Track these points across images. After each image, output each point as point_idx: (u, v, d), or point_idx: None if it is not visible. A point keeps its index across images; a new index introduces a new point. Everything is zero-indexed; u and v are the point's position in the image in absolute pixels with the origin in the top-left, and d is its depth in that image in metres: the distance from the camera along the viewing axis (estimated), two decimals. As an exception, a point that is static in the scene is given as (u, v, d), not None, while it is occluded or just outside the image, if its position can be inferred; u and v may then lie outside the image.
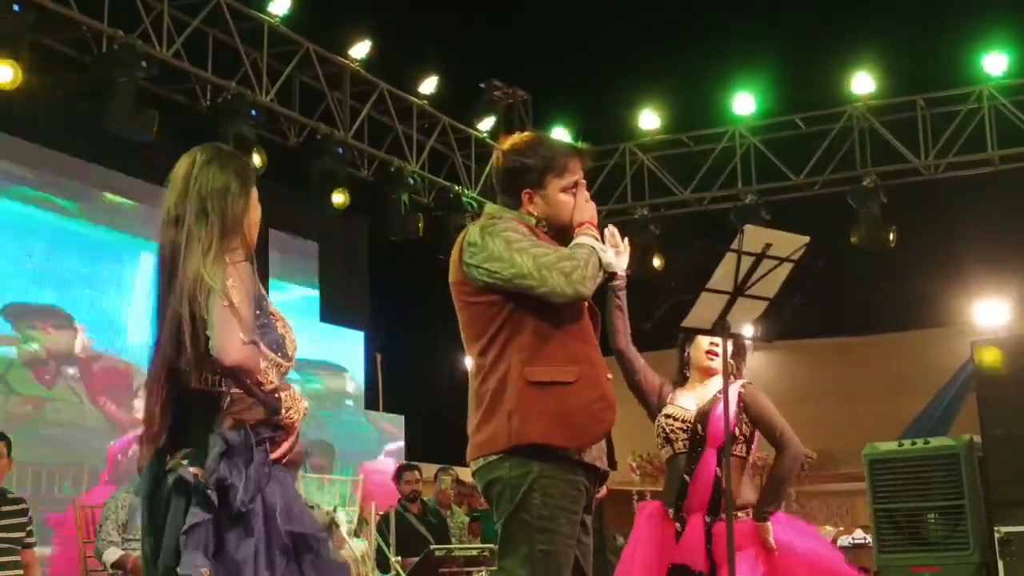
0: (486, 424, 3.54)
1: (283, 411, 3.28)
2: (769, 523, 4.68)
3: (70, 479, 9.76)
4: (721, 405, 4.57)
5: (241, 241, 3.30)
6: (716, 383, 4.87)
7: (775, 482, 4.82)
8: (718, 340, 4.77)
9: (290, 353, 3.41)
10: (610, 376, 3.64)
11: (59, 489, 9.55)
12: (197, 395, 3.19)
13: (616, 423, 3.60)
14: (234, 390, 3.18)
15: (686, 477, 4.76)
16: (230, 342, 3.06)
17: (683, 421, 4.85)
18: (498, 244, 3.53)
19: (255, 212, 3.39)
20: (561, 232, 3.73)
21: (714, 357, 4.89)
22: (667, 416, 4.88)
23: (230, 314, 3.09)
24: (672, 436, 4.84)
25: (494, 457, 3.51)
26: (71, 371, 10.08)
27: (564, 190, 3.74)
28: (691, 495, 4.72)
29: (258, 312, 3.23)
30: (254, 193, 3.40)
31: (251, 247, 3.36)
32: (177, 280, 3.17)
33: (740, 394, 4.83)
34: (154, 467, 3.19)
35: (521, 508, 3.44)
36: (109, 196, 10.62)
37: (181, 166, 3.41)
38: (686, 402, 4.91)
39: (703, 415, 4.81)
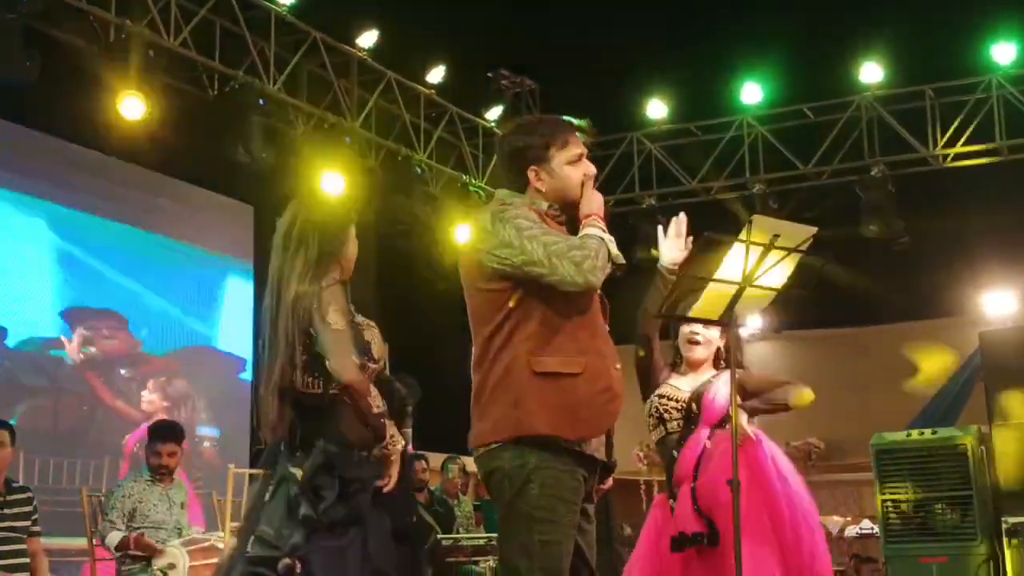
0: (489, 412, 3.54)
1: (387, 438, 3.85)
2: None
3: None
4: (714, 387, 4.71)
5: (336, 270, 4.02)
6: (707, 372, 4.93)
7: (765, 377, 5.04)
8: (699, 329, 4.81)
9: (376, 356, 3.98)
10: (618, 366, 3.63)
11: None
12: (305, 400, 3.86)
13: (624, 414, 3.61)
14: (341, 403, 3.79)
15: (675, 453, 4.77)
16: (346, 363, 3.75)
17: (677, 400, 4.87)
18: (509, 230, 3.52)
19: (351, 248, 4.12)
20: (570, 207, 3.74)
21: (694, 347, 4.90)
22: (661, 396, 4.89)
23: (341, 338, 3.79)
24: (666, 416, 4.85)
25: (495, 445, 3.51)
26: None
27: (569, 163, 3.73)
28: (679, 468, 4.74)
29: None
30: (351, 232, 4.11)
31: (346, 276, 4.07)
32: (282, 301, 3.90)
33: (737, 375, 4.86)
34: (273, 454, 3.94)
35: (520, 498, 3.45)
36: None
37: (290, 208, 4.09)
38: (681, 384, 4.93)
39: (698, 395, 4.83)
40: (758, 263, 4.04)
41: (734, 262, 4.05)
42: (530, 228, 3.52)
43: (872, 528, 10.63)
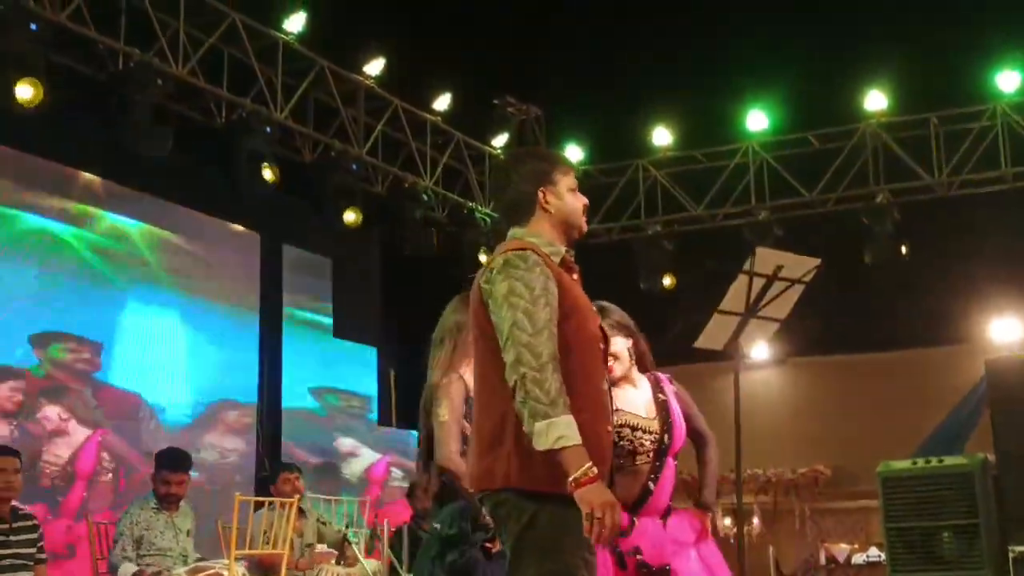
0: (484, 459, 3.53)
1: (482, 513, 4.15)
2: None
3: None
4: (673, 410, 4.80)
5: (465, 365, 4.53)
6: (642, 386, 4.90)
7: (711, 471, 4.98)
8: (617, 348, 4.76)
9: None
10: (610, 428, 3.59)
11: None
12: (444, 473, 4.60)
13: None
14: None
15: (651, 486, 4.75)
16: (444, 452, 4.51)
17: (650, 432, 4.79)
18: (507, 292, 3.45)
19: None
20: (572, 233, 3.71)
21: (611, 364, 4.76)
22: (628, 427, 4.77)
23: (445, 429, 4.51)
24: (639, 448, 4.76)
25: (500, 491, 3.50)
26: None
27: (570, 190, 3.71)
28: (652, 503, 4.73)
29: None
30: None
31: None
32: (426, 389, 4.71)
33: (677, 392, 4.86)
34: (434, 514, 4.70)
35: (529, 529, 3.44)
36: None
37: (450, 304, 4.84)
38: (628, 407, 4.83)
39: (666, 424, 4.80)
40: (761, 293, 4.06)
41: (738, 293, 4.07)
42: (526, 315, 3.40)
43: (879, 556, 10.60)
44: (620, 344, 4.82)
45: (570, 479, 3.23)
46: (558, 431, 3.24)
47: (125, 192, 10.47)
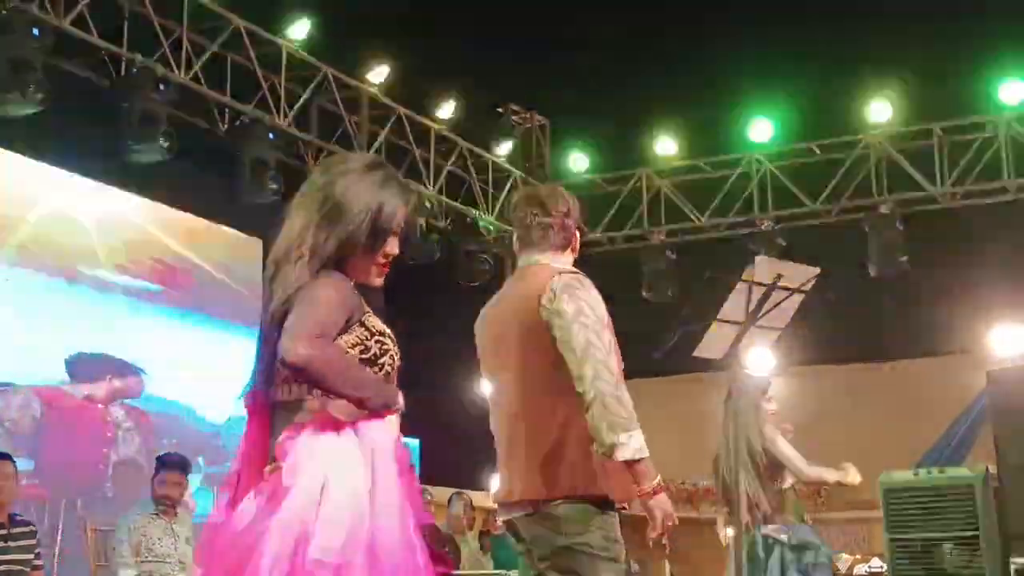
0: (543, 469, 3.66)
1: None
2: None
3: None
4: None
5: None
6: None
7: None
8: None
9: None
10: None
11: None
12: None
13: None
14: None
15: None
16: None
17: None
18: (575, 312, 3.68)
19: None
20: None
21: None
22: None
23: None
24: None
25: (554, 501, 3.65)
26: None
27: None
28: None
29: None
30: None
31: None
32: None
33: None
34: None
35: (592, 535, 3.60)
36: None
37: None
38: None
39: None
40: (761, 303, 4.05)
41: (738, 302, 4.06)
42: (597, 336, 3.63)
43: (882, 566, 10.57)
44: None
45: (647, 487, 3.57)
46: (638, 443, 3.54)
47: (127, 198, 10.47)
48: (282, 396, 3.00)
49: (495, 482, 4.69)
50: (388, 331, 3.08)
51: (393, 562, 2.78)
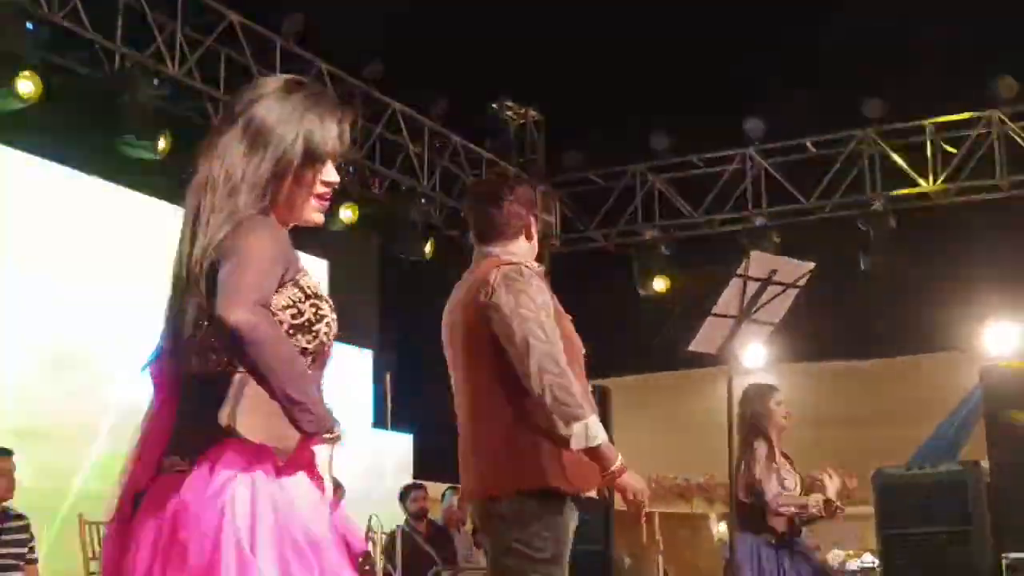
0: (493, 464, 3.64)
1: None
2: None
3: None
4: None
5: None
6: None
7: None
8: None
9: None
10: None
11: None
12: None
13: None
14: None
15: None
16: None
17: None
18: (515, 305, 3.61)
19: None
20: (534, 255, 3.92)
21: None
22: None
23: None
24: None
25: (494, 496, 3.62)
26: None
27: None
28: None
29: None
30: None
31: None
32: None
33: None
34: None
35: (520, 541, 3.51)
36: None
37: None
38: None
39: None
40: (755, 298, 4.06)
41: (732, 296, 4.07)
42: (539, 327, 3.55)
43: (874, 562, 10.61)
44: None
45: (611, 470, 3.51)
46: (592, 430, 3.47)
47: (121, 193, 10.45)
48: (198, 366, 2.47)
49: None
50: (325, 295, 2.63)
51: None
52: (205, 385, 2.44)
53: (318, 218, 2.68)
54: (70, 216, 9.82)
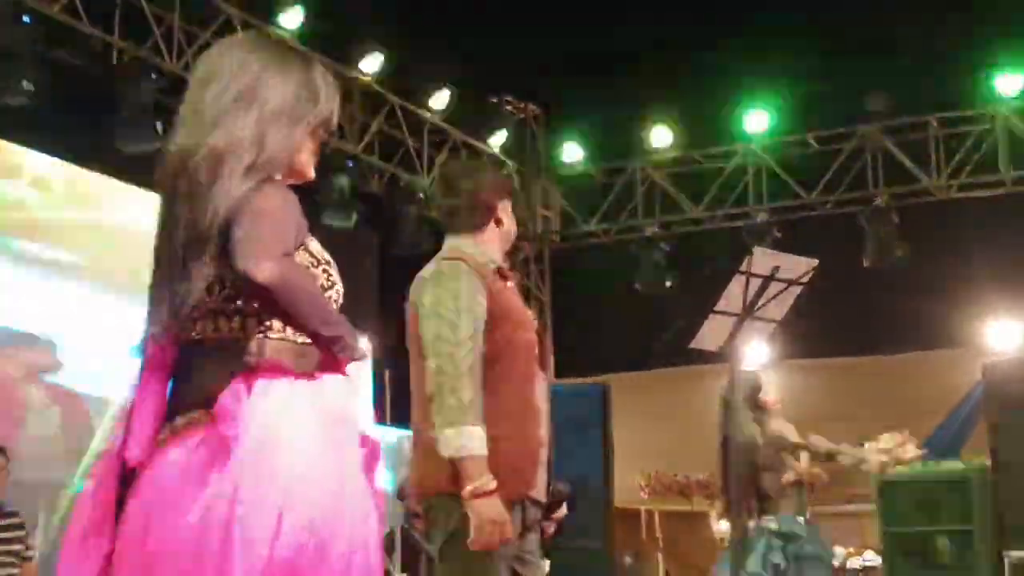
0: (425, 464, 3.56)
1: None
2: None
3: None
4: None
5: None
6: None
7: None
8: None
9: None
10: (542, 431, 3.62)
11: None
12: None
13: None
14: None
15: None
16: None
17: None
18: (436, 303, 3.54)
19: None
20: (507, 247, 3.84)
21: None
22: None
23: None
24: None
25: (430, 496, 3.55)
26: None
27: (510, 212, 3.82)
28: None
29: None
30: None
31: None
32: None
33: None
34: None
35: (460, 532, 3.42)
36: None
37: None
38: None
39: None
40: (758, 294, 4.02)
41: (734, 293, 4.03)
42: (450, 327, 3.46)
43: (875, 560, 10.58)
44: None
45: (467, 488, 3.30)
46: (462, 440, 3.32)
47: (117, 187, 10.40)
48: (205, 332, 2.45)
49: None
50: (331, 260, 2.66)
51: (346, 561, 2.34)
52: (216, 351, 2.43)
53: (312, 174, 2.69)
54: (67, 210, 9.80)
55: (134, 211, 10.51)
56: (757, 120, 12.98)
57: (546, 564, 9.74)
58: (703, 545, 13.66)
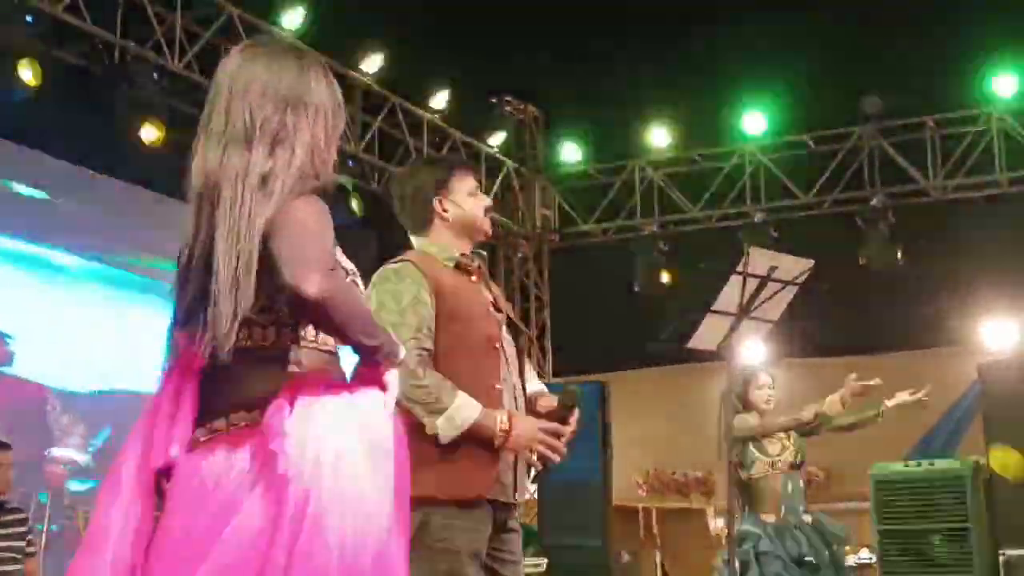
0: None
1: None
2: None
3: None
4: None
5: None
6: None
7: None
8: None
9: None
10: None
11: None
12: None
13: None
14: None
15: None
16: None
17: None
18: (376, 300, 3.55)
19: None
20: (476, 236, 3.80)
21: None
22: None
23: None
24: None
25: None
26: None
27: (470, 194, 3.77)
28: None
29: None
30: None
31: None
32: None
33: None
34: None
35: (422, 534, 3.38)
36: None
37: None
38: None
39: None
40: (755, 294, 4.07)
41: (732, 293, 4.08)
42: (392, 330, 3.45)
43: (870, 558, 10.62)
44: None
45: (496, 441, 3.35)
46: (458, 412, 3.34)
47: (120, 186, 10.44)
48: (242, 342, 2.43)
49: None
50: (355, 268, 2.72)
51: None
52: (254, 359, 2.44)
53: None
54: (68, 209, 9.84)
55: (134, 210, 10.61)
56: (755, 121, 13.04)
57: (543, 561, 9.81)
58: (700, 541, 13.69)
